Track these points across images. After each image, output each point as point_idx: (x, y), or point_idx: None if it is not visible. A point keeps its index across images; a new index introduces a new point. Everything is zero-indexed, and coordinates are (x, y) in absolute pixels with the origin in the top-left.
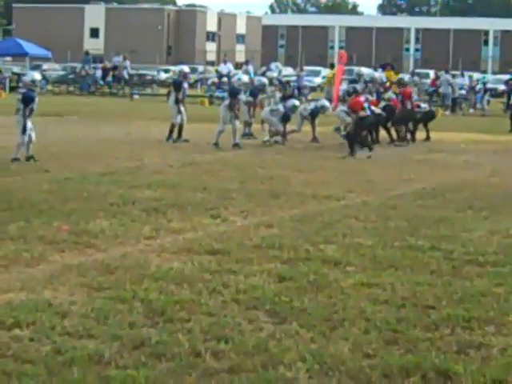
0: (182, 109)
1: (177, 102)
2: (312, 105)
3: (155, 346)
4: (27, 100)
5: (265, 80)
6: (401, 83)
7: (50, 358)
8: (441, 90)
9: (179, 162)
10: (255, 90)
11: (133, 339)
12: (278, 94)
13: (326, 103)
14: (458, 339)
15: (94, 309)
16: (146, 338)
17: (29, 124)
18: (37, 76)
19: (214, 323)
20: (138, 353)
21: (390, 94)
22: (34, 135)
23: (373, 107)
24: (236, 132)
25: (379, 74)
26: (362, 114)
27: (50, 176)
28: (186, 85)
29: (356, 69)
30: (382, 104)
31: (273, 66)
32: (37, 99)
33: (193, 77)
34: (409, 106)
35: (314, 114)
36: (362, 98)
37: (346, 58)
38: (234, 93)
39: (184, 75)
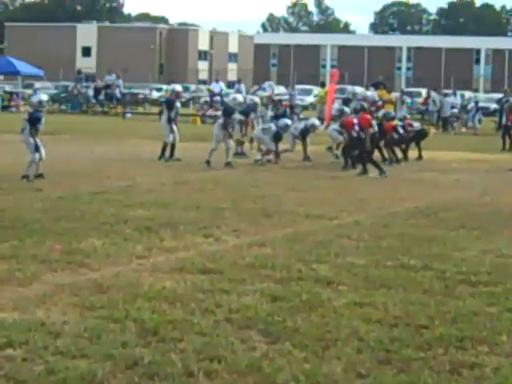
0: (175, 128)
1: (169, 120)
2: (302, 124)
3: (148, 366)
4: (34, 120)
5: (257, 99)
6: (386, 117)
7: (42, 377)
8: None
9: (171, 180)
10: (247, 109)
11: (125, 359)
12: (270, 113)
13: (316, 122)
14: (451, 359)
15: (87, 328)
16: (139, 358)
17: (38, 141)
18: (44, 97)
19: (207, 343)
20: (130, 373)
21: (381, 113)
22: (44, 152)
23: None
24: (229, 151)
25: (371, 93)
26: (370, 130)
27: (43, 195)
28: (178, 104)
29: (350, 88)
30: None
31: (266, 85)
32: (43, 120)
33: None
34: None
35: (304, 133)
36: (368, 116)
37: (338, 76)
38: (228, 112)
39: (176, 94)
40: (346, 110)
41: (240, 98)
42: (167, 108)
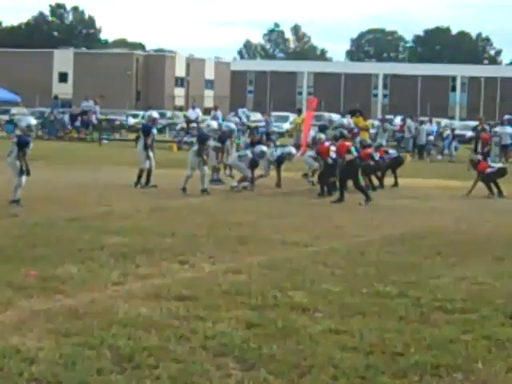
0: (151, 154)
1: (145, 147)
2: (279, 151)
3: None
4: (22, 144)
5: (233, 126)
6: (362, 144)
7: None
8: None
9: (148, 207)
10: (223, 136)
11: None
12: (243, 139)
13: (293, 150)
14: None
15: (62, 355)
16: None
17: (23, 166)
18: (33, 121)
19: (182, 370)
20: None
21: (358, 140)
22: (24, 179)
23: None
24: (204, 178)
25: (347, 120)
26: (348, 157)
27: (18, 221)
28: (154, 130)
29: (326, 115)
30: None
31: (240, 111)
32: (31, 144)
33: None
34: (371, 163)
35: (279, 161)
36: (348, 143)
37: (316, 103)
38: (202, 139)
39: (153, 120)
40: (321, 136)
41: (214, 124)
42: (144, 134)
